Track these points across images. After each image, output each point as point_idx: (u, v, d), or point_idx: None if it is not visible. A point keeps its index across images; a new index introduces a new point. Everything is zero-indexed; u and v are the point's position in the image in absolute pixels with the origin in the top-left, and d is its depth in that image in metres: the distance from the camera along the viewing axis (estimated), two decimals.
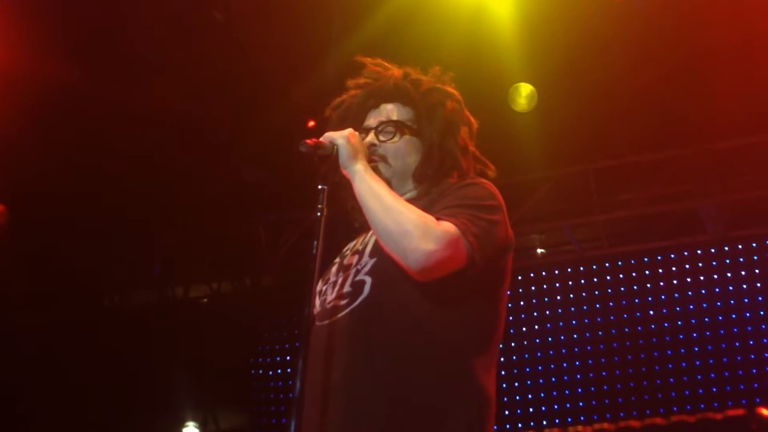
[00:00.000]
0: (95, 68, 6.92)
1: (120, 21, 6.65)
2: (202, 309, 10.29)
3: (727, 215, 8.49)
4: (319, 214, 2.40)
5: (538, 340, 9.02)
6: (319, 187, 2.46)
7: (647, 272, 8.85)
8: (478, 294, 2.45)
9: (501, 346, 8.11)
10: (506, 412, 8.78)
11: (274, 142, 7.30)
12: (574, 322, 8.94)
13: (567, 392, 8.77)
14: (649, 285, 8.81)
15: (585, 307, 8.97)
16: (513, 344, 9.01)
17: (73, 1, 6.38)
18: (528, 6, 6.45)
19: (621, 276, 8.93)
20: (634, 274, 8.89)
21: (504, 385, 8.88)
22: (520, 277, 9.17)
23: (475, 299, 2.44)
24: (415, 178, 2.67)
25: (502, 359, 8.81)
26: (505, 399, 8.84)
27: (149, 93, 7.18)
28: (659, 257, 8.83)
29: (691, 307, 8.60)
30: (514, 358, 9.00)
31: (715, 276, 8.61)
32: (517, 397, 8.91)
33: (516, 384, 8.93)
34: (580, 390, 8.73)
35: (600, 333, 8.83)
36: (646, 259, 8.88)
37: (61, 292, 9.55)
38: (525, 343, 9.03)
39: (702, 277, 8.64)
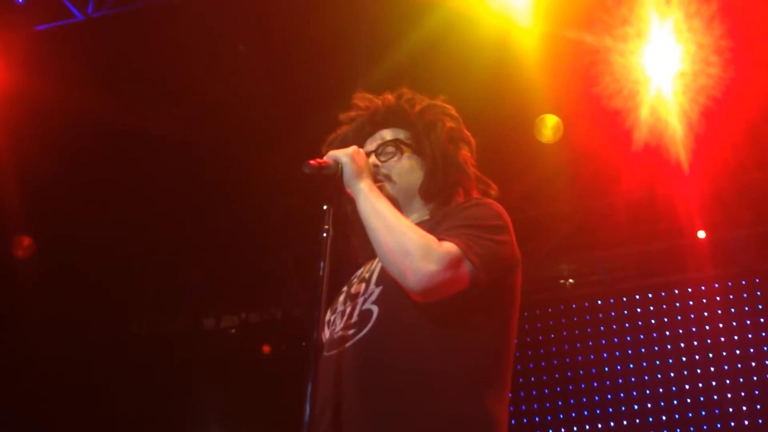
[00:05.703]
0: (121, 100, 6.99)
1: (147, 53, 6.74)
2: (231, 339, 10.30)
3: (759, 246, 8.40)
4: (324, 234, 2.39)
5: (570, 374, 8.95)
6: (324, 207, 2.44)
7: (677, 304, 8.77)
8: (485, 315, 2.39)
9: (533, 378, 7.94)
10: None
11: (302, 173, 7.30)
12: (605, 354, 8.87)
13: (599, 425, 8.69)
14: (679, 317, 8.73)
15: (616, 339, 8.89)
16: (545, 377, 8.96)
17: (98, 33, 6.47)
18: (553, 36, 6.44)
19: (651, 308, 8.86)
20: (664, 306, 8.81)
21: (537, 419, 8.86)
22: (550, 309, 9.14)
23: (482, 321, 2.38)
24: (422, 194, 2.63)
25: (534, 392, 8.85)
26: None
27: (178, 124, 7.25)
28: (689, 289, 8.75)
29: (722, 339, 8.51)
30: (547, 391, 8.95)
31: (746, 308, 8.52)
32: (551, 431, 8.84)
33: (549, 417, 8.86)
34: (612, 423, 8.64)
35: (631, 366, 8.75)
36: (676, 291, 8.81)
37: (88, 320, 9.61)
38: (557, 376, 8.98)
39: (733, 309, 8.55)
